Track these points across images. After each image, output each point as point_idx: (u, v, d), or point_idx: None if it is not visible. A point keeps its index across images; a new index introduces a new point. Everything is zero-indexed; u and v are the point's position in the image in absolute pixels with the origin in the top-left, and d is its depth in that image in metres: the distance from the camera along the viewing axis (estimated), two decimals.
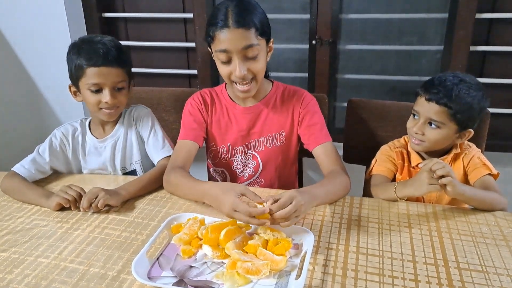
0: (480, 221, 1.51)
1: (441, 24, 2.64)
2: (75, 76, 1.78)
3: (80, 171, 2.01)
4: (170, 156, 1.88)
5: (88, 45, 1.75)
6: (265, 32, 1.66)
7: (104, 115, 1.85)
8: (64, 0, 2.80)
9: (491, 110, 2.06)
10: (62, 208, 1.62)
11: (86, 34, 3.02)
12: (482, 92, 1.66)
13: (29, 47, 2.98)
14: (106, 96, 1.77)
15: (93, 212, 1.59)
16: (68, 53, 1.79)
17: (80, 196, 1.60)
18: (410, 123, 1.77)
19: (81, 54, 1.73)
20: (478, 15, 2.49)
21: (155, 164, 1.94)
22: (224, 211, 1.36)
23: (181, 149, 1.82)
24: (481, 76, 2.68)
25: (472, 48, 2.56)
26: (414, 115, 1.75)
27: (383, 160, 1.86)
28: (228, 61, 1.66)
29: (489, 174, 1.71)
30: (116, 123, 1.97)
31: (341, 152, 2.03)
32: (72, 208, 1.60)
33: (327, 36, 2.71)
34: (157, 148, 1.94)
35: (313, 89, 2.87)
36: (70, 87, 1.87)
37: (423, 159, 1.80)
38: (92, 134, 1.97)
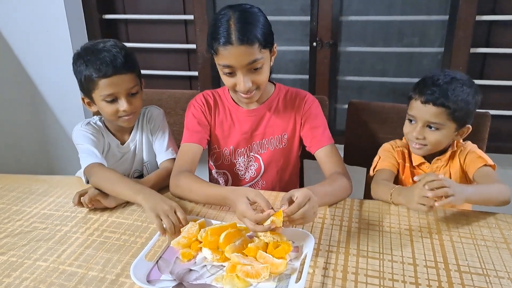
0: (481, 223, 1.50)
1: (442, 26, 2.64)
2: (87, 88, 1.75)
3: None
4: (172, 159, 1.89)
5: (93, 55, 1.69)
6: (268, 43, 1.64)
7: (124, 122, 1.82)
8: (64, 1, 2.81)
9: (492, 112, 2.05)
10: (60, 211, 1.63)
11: (86, 36, 3.03)
12: (474, 86, 1.65)
13: (30, 49, 2.99)
14: (123, 104, 1.74)
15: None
16: (74, 64, 1.74)
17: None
18: (407, 128, 1.74)
19: (89, 66, 1.68)
20: (478, 17, 2.49)
21: (158, 164, 1.94)
22: (236, 215, 1.37)
23: (187, 152, 1.81)
24: (481, 78, 2.68)
25: (472, 50, 2.56)
26: (410, 120, 1.72)
27: (387, 156, 1.85)
28: (232, 73, 1.65)
29: (485, 165, 1.69)
30: (133, 127, 1.96)
31: (341, 154, 2.03)
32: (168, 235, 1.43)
33: (327, 38, 2.71)
34: (161, 149, 1.94)
35: (314, 91, 2.87)
36: (83, 99, 1.83)
37: (425, 158, 1.79)
38: (113, 136, 1.94)
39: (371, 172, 1.86)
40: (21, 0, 2.84)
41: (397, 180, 1.85)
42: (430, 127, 1.65)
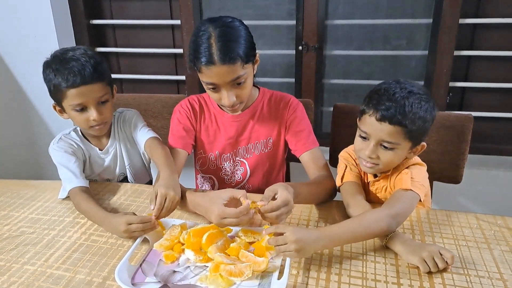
0: (463, 224, 1.52)
1: (426, 29, 2.66)
2: (56, 97, 1.74)
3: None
4: (155, 136, 1.88)
5: (61, 65, 1.67)
6: (251, 56, 1.63)
7: (95, 131, 1.81)
8: (52, 7, 2.81)
9: (476, 113, 2.07)
10: (48, 215, 1.65)
11: (74, 41, 3.03)
12: (431, 101, 1.47)
13: (18, 55, 2.99)
14: (92, 113, 1.72)
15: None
16: (44, 72, 1.72)
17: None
18: (358, 145, 1.58)
19: (57, 75, 1.66)
20: (461, 20, 2.52)
21: (141, 144, 1.91)
22: (214, 222, 1.38)
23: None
24: (465, 81, 2.71)
25: (456, 53, 2.58)
26: (363, 137, 1.55)
27: (352, 167, 1.74)
28: (216, 89, 1.65)
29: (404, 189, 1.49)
30: (110, 131, 1.95)
31: (327, 157, 2.05)
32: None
33: (313, 42, 2.73)
34: (141, 135, 1.91)
35: (300, 94, 2.89)
36: (54, 107, 1.81)
37: (375, 176, 1.68)
38: (91, 144, 1.93)
39: (338, 182, 1.71)
40: (8, 6, 2.85)
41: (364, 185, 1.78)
42: (384, 147, 1.48)
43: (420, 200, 1.49)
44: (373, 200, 1.68)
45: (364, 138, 1.54)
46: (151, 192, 1.47)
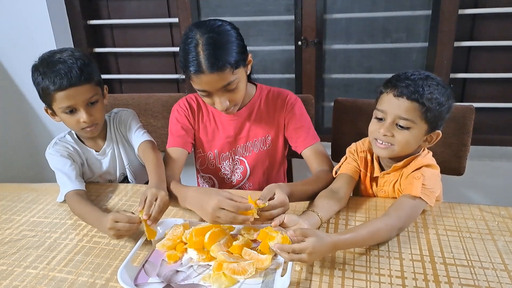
0: (466, 215, 1.51)
1: (425, 21, 2.65)
2: (46, 101, 1.73)
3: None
4: (149, 140, 1.87)
5: (48, 67, 1.65)
6: (241, 60, 1.62)
7: (87, 133, 1.80)
8: (48, 8, 2.80)
9: (477, 104, 2.06)
10: (49, 218, 1.65)
11: (72, 42, 3.03)
12: (448, 90, 1.48)
13: (15, 57, 2.99)
14: (82, 115, 1.71)
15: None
16: (32, 75, 1.71)
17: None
18: (373, 126, 1.56)
19: (45, 78, 1.65)
20: (461, 11, 2.51)
21: (135, 146, 1.91)
22: (208, 211, 1.35)
23: (170, 157, 1.81)
24: (466, 71, 2.71)
25: (456, 43, 2.58)
26: (379, 118, 1.53)
27: (351, 159, 1.74)
28: (208, 95, 1.65)
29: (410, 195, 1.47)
30: (106, 133, 1.94)
31: (329, 152, 2.04)
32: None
33: (312, 37, 2.72)
34: (136, 137, 1.90)
35: (301, 90, 2.89)
36: (46, 110, 1.79)
37: (382, 169, 1.67)
38: (87, 146, 1.92)
39: (334, 172, 1.72)
40: (4, 7, 2.85)
41: (358, 188, 1.78)
42: (400, 126, 1.47)
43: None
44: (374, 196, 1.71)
45: (380, 119, 1.53)
46: (141, 195, 1.47)
